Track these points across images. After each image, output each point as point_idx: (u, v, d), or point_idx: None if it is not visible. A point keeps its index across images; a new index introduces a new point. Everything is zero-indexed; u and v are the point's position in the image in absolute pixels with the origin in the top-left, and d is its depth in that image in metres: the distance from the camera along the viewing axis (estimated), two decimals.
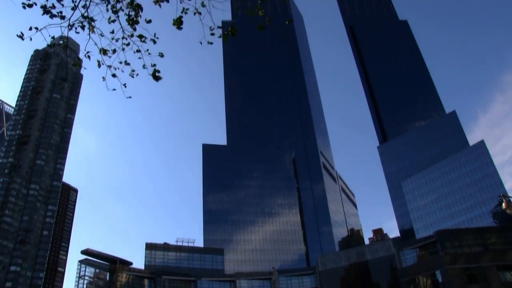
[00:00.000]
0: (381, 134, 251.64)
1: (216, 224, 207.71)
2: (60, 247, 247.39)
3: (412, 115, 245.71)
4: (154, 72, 11.35)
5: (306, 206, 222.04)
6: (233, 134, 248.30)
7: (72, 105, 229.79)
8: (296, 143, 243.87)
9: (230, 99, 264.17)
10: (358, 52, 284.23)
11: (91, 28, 11.03)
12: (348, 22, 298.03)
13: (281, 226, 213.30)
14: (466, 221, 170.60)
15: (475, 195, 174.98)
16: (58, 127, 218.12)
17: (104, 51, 11.33)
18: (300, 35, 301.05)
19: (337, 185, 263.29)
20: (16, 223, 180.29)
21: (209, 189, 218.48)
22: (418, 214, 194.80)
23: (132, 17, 11.06)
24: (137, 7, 11.04)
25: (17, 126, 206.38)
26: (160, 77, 11.43)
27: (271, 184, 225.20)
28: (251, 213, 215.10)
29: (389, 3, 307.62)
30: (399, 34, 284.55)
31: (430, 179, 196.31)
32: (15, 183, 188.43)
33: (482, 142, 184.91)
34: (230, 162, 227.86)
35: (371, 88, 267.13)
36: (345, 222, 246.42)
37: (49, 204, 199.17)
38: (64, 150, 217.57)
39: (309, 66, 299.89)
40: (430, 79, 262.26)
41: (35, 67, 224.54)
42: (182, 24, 11.00)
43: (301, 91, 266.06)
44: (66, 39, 11.71)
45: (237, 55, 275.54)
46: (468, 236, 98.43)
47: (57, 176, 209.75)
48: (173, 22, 10.96)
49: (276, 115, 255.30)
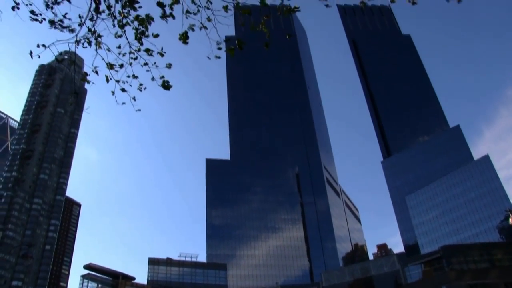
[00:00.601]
0: (384, 149, 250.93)
1: (219, 239, 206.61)
2: (62, 261, 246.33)
3: (416, 129, 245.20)
4: (163, 83, 11.41)
5: (309, 221, 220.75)
6: (237, 149, 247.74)
7: (76, 119, 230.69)
8: (300, 158, 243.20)
9: (233, 114, 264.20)
10: (361, 67, 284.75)
11: (98, 43, 11.07)
12: (351, 37, 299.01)
13: (284, 241, 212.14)
14: (471, 237, 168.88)
15: (480, 210, 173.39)
16: (61, 142, 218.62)
17: (111, 65, 11.39)
18: (303, 50, 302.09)
19: (341, 200, 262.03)
20: (19, 237, 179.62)
21: (212, 203, 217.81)
22: (422, 229, 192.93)
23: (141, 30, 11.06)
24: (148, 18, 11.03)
25: (21, 140, 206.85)
26: (170, 85, 11.50)
27: (275, 199, 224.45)
28: (254, 228, 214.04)
29: (391, 17, 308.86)
30: (402, 48, 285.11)
31: (435, 193, 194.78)
32: (18, 197, 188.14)
33: (486, 157, 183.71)
34: (233, 177, 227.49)
35: (374, 102, 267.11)
36: (349, 237, 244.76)
37: (52, 218, 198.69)
38: (68, 165, 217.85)
39: (312, 80, 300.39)
40: (434, 93, 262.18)
41: (40, 81, 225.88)
42: (188, 39, 11.04)
43: (304, 105, 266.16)
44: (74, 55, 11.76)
45: (241, 70, 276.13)
46: (474, 252, 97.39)
47: (60, 191, 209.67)
48: (179, 37, 11.00)
49: (279, 130, 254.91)
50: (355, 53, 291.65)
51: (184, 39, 11.01)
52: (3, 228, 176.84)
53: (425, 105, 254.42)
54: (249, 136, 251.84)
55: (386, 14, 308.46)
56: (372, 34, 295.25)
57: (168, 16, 10.89)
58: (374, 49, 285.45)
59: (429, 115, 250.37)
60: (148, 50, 11.22)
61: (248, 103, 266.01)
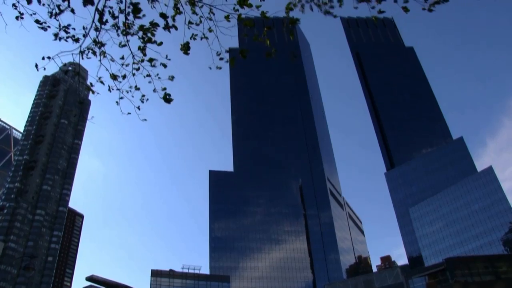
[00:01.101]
0: (388, 161, 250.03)
1: (222, 250, 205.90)
2: (64, 273, 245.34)
3: (419, 141, 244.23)
4: (165, 95, 11.32)
5: (313, 233, 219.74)
6: (240, 161, 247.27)
7: (80, 130, 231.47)
8: (303, 169, 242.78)
9: (237, 125, 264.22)
10: (364, 79, 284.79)
11: (102, 53, 11.12)
12: (354, 49, 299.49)
13: (288, 254, 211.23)
14: (475, 249, 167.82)
15: (484, 222, 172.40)
16: (65, 153, 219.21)
17: (114, 76, 11.38)
18: (306, 62, 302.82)
19: (344, 211, 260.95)
20: (21, 248, 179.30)
21: (215, 215, 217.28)
22: (426, 241, 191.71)
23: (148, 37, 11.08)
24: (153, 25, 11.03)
25: (24, 151, 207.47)
26: (172, 99, 11.39)
27: (278, 211, 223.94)
28: (257, 240, 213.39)
29: (394, 30, 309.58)
30: (405, 60, 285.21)
31: (438, 205, 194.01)
32: (21, 208, 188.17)
33: (490, 168, 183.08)
34: (236, 189, 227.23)
35: (378, 114, 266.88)
36: (352, 249, 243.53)
37: (54, 229, 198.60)
38: (71, 176, 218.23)
39: (315, 92, 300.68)
40: (437, 105, 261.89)
41: (44, 92, 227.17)
42: (189, 49, 11.04)
43: (308, 117, 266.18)
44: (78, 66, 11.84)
45: (244, 82, 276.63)
46: (478, 264, 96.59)
47: (63, 202, 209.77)
48: (180, 47, 10.99)
49: (282, 142, 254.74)
50: (358, 65, 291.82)
51: (186, 50, 11.01)
52: (5, 240, 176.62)
53: (428, 117, 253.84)
54: (252, 147, 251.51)
55: (389, 27, 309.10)
56: (375, 46, 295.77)
57: (171, 27, 10.86)
58: (378, 61, 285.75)
59: (433, 127, 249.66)
60: (151, 60, 11.20)
61: (252, 114, 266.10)
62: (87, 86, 11.92)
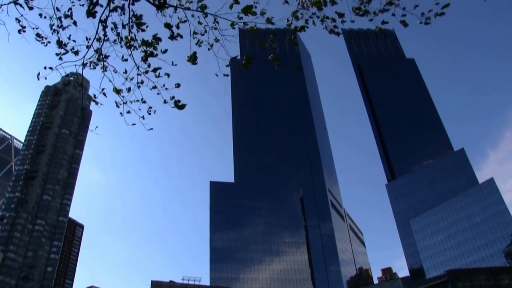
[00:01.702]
0: (389, 172, 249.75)
1: (223, 262, 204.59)
2: (64, 284, 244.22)
3: (420, 152, 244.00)
4: (176, 102, 11.22)
5: (313, 244, 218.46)
6: (241, 171, 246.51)
7: (81, 140, 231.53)
8: (304, 180, 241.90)
9: (238, 136, 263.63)
10: (365, 90, 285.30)
11: (104, 67, 11.10)
12: (356, 61, 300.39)
13: (288, 265, 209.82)
14: (477, 261, 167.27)
15: (485, 233, 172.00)
16: (66, 163, 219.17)
17: (118, 90, 11.31)
18: (308, 73, 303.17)
19: (345, 223, 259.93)
20: (20, 258, 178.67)
21: (216, 226, 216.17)
22: (427, 253, 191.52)
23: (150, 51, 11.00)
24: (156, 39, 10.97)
25: (25, 161, 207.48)
26: (184, 104, 11.34)
27: (279, 222, 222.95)
28: (258, 251, 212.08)
29: (395, 41, 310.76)
30: (406, 72, 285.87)
31: (439, 217, 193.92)
32: (21, 218, 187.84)
33: (491, 180, 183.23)
34: (237, 200, 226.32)
35: (379, 125, 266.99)
36: (353, 261, 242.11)
37: (54, 240, 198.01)
38: (71, 186, 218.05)
39: (317, 103, 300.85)
40: (438, 116, 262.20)
41: (45, 102, 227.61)
42: (196, 59, 10.95)
43: (309, 128, 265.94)
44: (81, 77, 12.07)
45: (246, 93, 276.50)
46: (480, 276, 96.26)
47: (64, 212, 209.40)
48: (187, 59, 10.91)
49: (283, 153, 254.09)
50: (359, 76, 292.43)
51: (193, 60, 10.91)
52: (4, 250, 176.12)
53: (429, 128, 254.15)
54: (253, 158, 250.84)
55: (390, 38, 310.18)
56: (376, 58, 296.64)
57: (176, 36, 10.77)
58: (379, 73, 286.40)
59: (434, 138, 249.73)
60: (156, 70, 11.07)
61: (253, 125, 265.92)
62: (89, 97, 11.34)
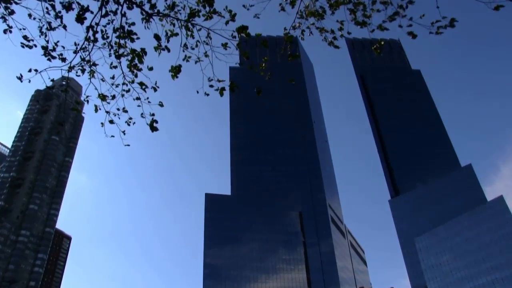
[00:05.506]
0: (392, 188, 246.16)
1: (217, 279, 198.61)
2: None
3: (426, 167, 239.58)
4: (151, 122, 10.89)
5: (312, 262, 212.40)
6: (238, 185, 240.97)
7: (71, 147, 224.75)
8: (304, 195, 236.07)
9: (235, 148, 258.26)
10: (369, 102, 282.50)
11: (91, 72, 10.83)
12: (359, 71, 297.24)
13: (286, 283, 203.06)
14: (486, 284, 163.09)
15: (496, 255, 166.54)
16: (55, 170, 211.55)
17: (103, 97, 11.04)
18: (309, 84, 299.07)
19: (346, 240, 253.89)
20: (0, 272, 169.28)
21: (210, 241, 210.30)
22: (433, 274, 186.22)
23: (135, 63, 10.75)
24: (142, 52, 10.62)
25: (11, 168, 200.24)
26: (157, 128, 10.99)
27: (276, 238, 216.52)
28: (254, 268, 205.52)
29: (401, 52, 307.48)
30: (412, 84, 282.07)
31: (445, 236, 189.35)
32: (4, 229, 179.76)
33: (501, 198, 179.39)
34: (233, 214, 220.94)
35: (382, 139, 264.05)
36: (353, 280, 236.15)
37: (39, 252, 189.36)
38: (60, 195, 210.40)
39: (318, 115, 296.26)
40: (444, 130, 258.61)
41: (35, 107, 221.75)
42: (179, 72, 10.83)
43: (310, 141, 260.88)
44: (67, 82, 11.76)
45: (244, 104, 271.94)
46: None
47: (50, 222, 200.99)
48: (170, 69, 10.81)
49: (283, 166, 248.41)
50: (363, 88, 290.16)
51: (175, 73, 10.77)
52: None
53: (435, 143, 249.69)
54: (251, 171, 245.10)
55: (395, 49, 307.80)
56: (381, 69, 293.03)
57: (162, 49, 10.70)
58: (383, 85, 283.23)
59: (440, 153, 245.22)
60: (142, 84, 10.97)
61: (251, 137, 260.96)
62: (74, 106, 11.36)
